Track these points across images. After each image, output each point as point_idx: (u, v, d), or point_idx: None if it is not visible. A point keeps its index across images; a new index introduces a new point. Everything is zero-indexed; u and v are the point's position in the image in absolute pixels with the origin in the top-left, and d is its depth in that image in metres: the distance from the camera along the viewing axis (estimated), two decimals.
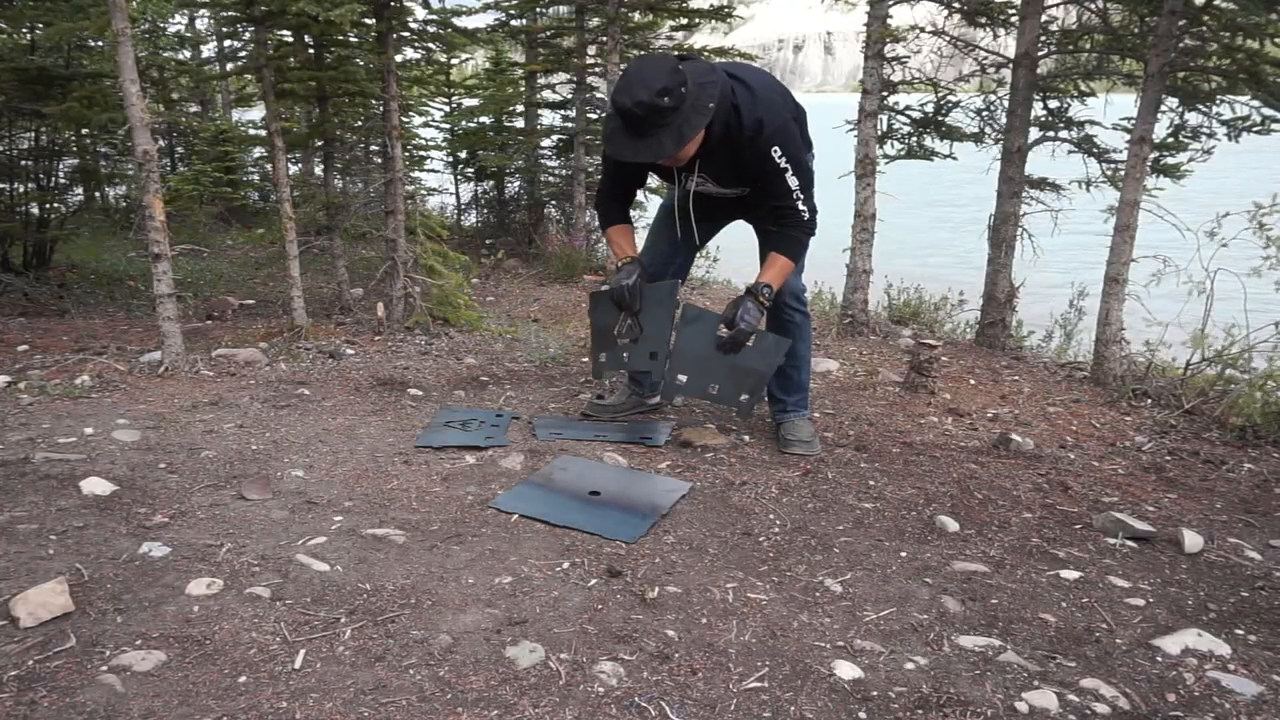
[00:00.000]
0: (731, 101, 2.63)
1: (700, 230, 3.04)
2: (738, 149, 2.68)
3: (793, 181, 2.71)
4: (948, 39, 5.28)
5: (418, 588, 2.07)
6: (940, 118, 5.36)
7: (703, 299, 6.27)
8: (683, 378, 2.94)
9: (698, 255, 3.37)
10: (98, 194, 9.86)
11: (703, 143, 2.68)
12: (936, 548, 2.43)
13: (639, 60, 2.64)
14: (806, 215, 2.78)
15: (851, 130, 5.07)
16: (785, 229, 2.83)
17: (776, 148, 2.66)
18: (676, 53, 3.00)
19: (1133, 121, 4.19)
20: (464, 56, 9.15)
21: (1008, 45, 5.05)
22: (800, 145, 2.76)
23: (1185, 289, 4.04)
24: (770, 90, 2.75)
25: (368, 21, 4.62)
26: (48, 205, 6.52)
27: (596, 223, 7.65)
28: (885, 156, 5.32)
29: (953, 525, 2.57)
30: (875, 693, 1.74)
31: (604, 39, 6.93)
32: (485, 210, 9.17)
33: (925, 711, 1.68)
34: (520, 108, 8.46)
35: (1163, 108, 4.21)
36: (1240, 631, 2.04)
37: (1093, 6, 4.84)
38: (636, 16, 6.98)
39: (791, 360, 3.18)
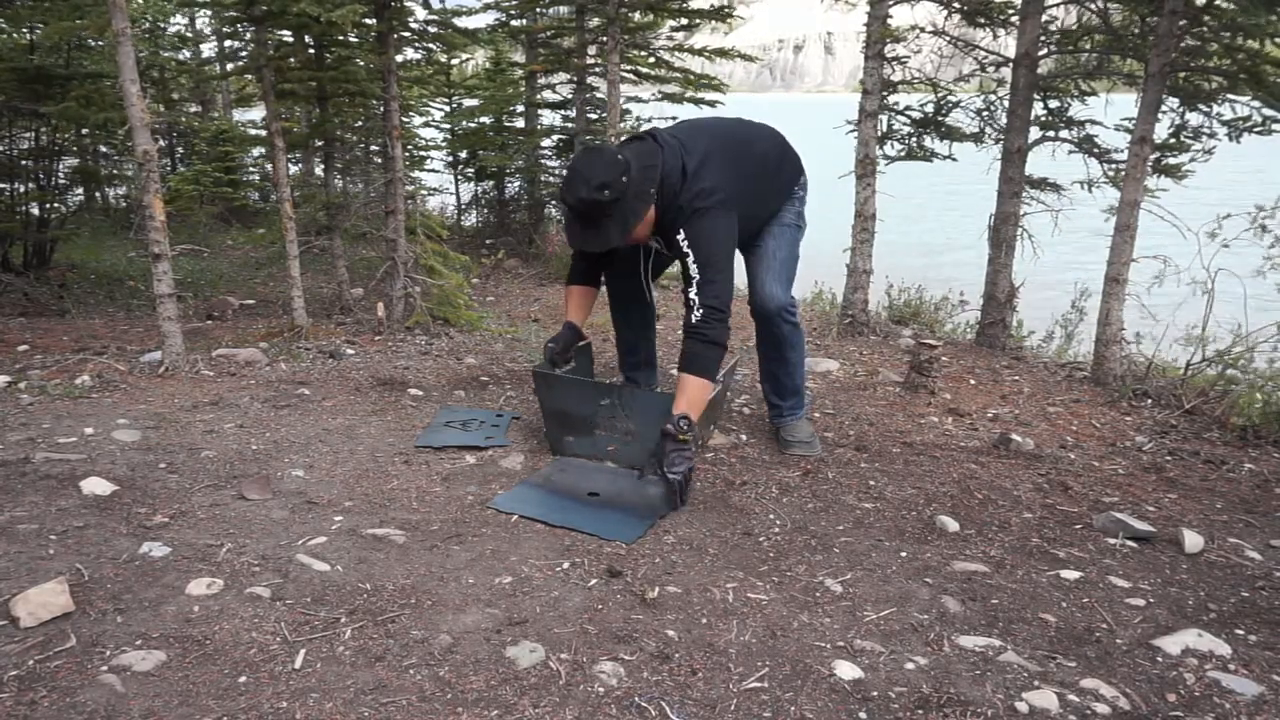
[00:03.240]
0: (679, 185, 2.67)
1: (648, 283, 3.16)
2: (667, 218, 2.72)
3: (694, 269, 2.65)
4: (948, 39, 5.28)
5: (418, 588, 2.07)
6: (940, 118, 5.35)
7: None
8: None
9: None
10: (98, 194, 9.86)
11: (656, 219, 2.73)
12: (937, 548, 2.43)
13: (583, 154, 2.68)
14: (698, 315, 2.61)
15: (851, 130, 5.07)
16: (691, 337, 2.65)
17: (681, 230, 2.69)
18: (643, 129, 3.05)
19: (1133, 122, 4.18)
20: (464, 56, 9.15)
21: (1008, 45, 5.05)
22: (716, 227, 2.68)
23: (1186, 289, 4.04)
24: (716, 164, 2.72)
25: (368, 22, 4.62)
26: (48, 205, 6.52)
27: None
28: (885, 157, 5.32)
29: (953, 525, 2.57)
30: (875, 693, 1.74)
31: (604, 39, 6.92)
32: (485, 210, 9.17)
33: (925, 711, 1.68)
34: (520, 108, 8.46)
35: (1163, 108, 4.21)
36: (1240, 632, 2.03)
37: (1093, 6, 4.84)
38: (636, 16, 6.98)
39: (784, 368, 3.18)
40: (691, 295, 2.66)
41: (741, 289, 3.29)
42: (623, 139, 2.82)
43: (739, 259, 3.10)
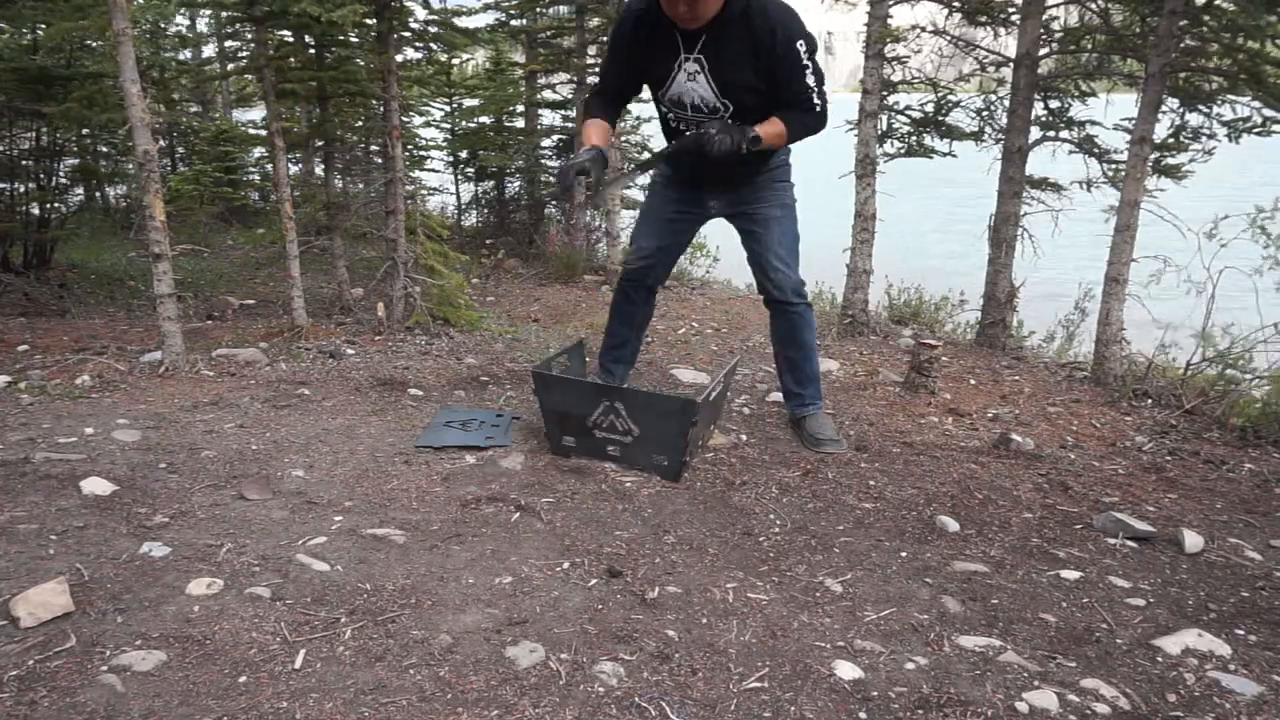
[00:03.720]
0: None
1: (681, 229, 3.21)
2: (757, 36, 2.65)
3: (811, 80, 2.73)
4: (948, 39, 5.28)
5: (418, 588, 2.07)
6: (940, 117, 5.35)
7: (703, 298, 6.27)
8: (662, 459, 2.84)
9: (683, 255, 3.45)
10: (98, 194, 9.86)
11: (716, 16, 2.65)
12: (937, 548, 2.43)
13: None
14: (819, 108, 2.78)
15: (851, 130, 5.07)
16: (802, 112, 2.78)
17: (802, 41, 2.68)
18: None
19: (1133, 122, 4.18)
20: (464, 56, 9.14)
21: (1008, 45, 5.04)
22: (815, 53, 2.76)
23: (1185, 289, 4.04)
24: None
25: (368, 22, 4.62)
26: (48, 205, 6.52)
27: (598, 223, 7.70)
28: (885, 155, 5.32)
29: (953, 525, 2.57)
30: (875, 693, 1.74)
31: (604, 39, 6.93)
32: (485, 210, 9.17)
33: (925, 712, 1.68)
34: (520, 108, 8.46)
35: (1163, 108, 4.21)
36: (1241, 632, 2.03)
37: (1093, 6, 4.84)
38: None
39: (801, 351, 3.22)
40: (815, 100, 2.75)
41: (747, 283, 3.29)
42: None
43: (740, 248, 3.14)
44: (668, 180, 3.20)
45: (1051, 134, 5.03)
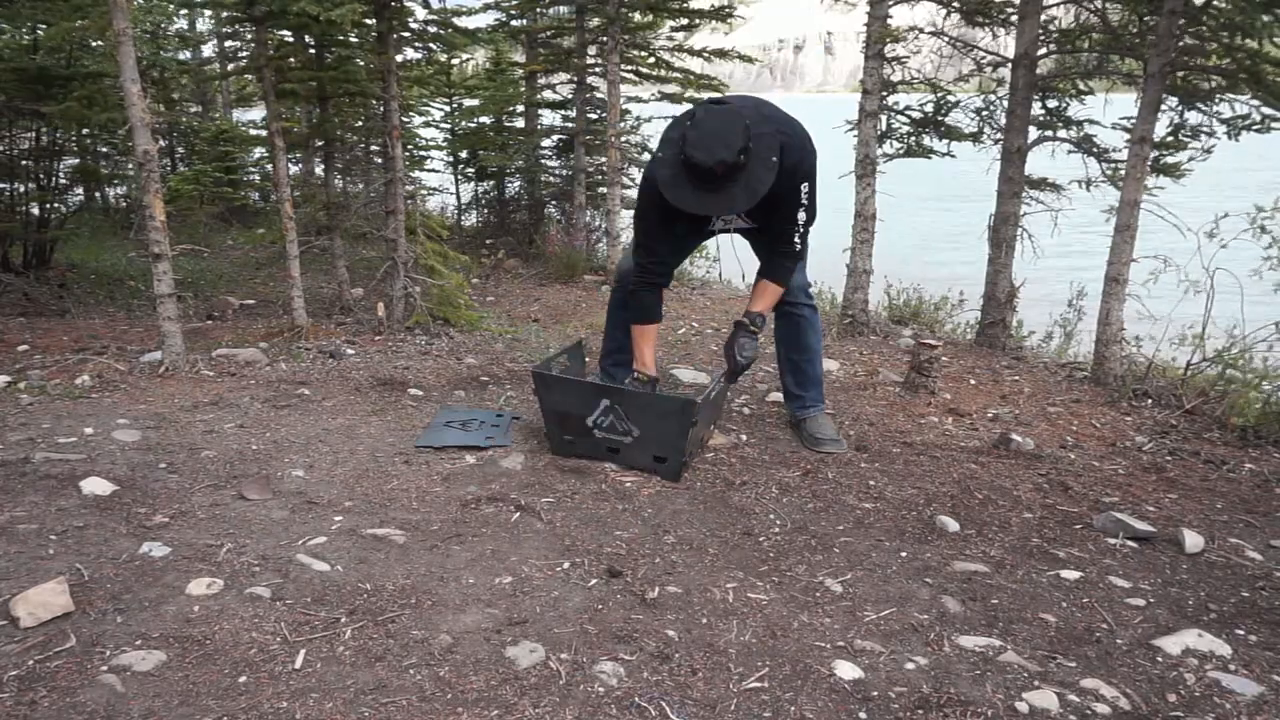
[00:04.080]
0: (780, 142, 2.70)
1: (693, 243, 3.33)
2: (777, 179, 2.70)
3: (802, 216, 2.86)
4: (947, 39, 5.28)
5: (418, 588, 2.07)
6: (940, 118, 5.35)
7: (703, 298, 6.27)
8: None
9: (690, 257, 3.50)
10: (98, 194, 9.85)
11: None
12: (937, 548, 2.43)
13: (708, 116, 2.64)
14: (799, 248, 2.93)
15: (851, 130, 5.07)
16: (777, 256, 2.95)
17: (806, 183, 2.80)
18: (711, 96, 3.07)
19: (1132, 121, 4.18)
20: (464, 56, 9.15)
21: (1007, 45, 5.04)
22: (816, 188, 2.88)
23: (1185, 289, 4.04)
24: (798, 128, 2.84)
25: (368, 21, 4.62)
26: (48, 205, 6.52)
27: (598, 223, 7.69)
28: (885, 156, 5.32)
29: (953, 525, 2.57)
30: (875, 693, 1.74)
31: (604, 39, 6.93)
32: (485, 210, 9.17)
33: (925, 711, 1.68)
34: (520, 108, 8.46)
35: (1163, 107, 4.21)
36: (1241, 632, 2.03)
37: (1092, 6, 4.84)
38: (637, 16, 6.98)
39: (805, 354, 3.23)
40: (795, 240, 2.89)
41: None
42: (704, 102, 2.83)
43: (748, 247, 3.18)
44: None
45: (1050, 134, 5.03)
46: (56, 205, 6.77)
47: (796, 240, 2.89)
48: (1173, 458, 3.27)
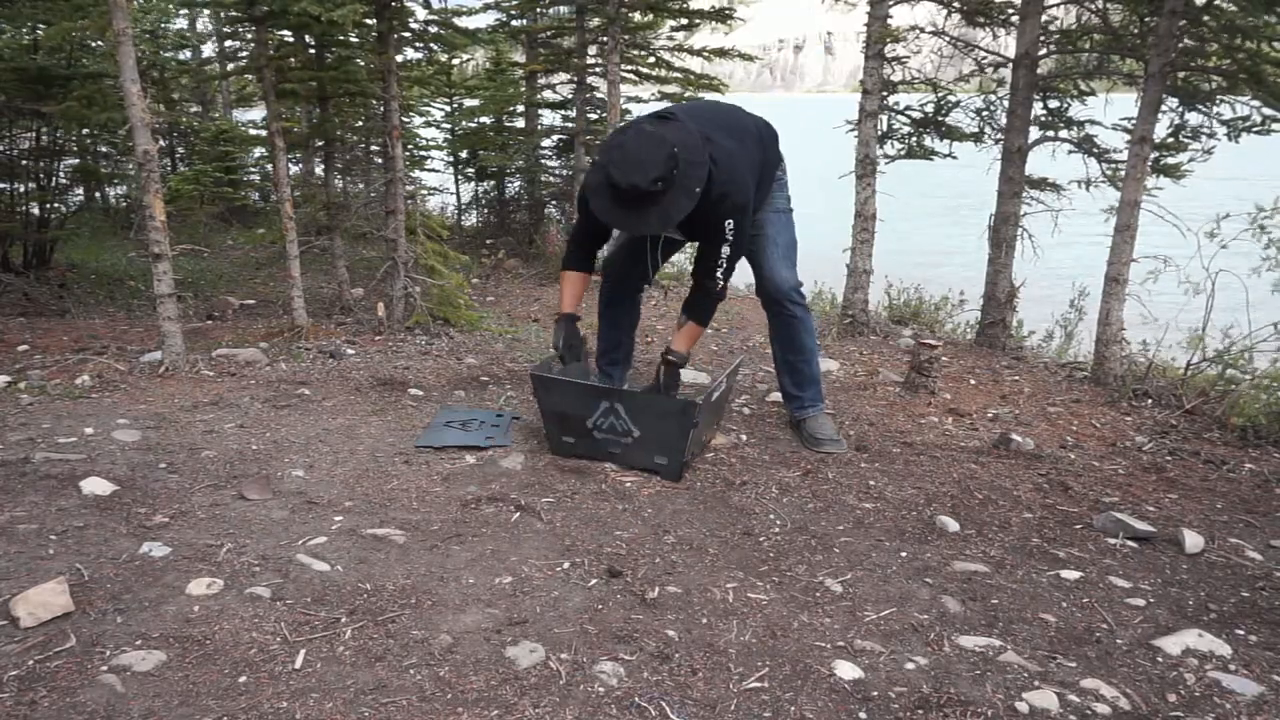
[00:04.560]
0: (709, 168, 2.69)
1: (656, 262, 3.23)
2: (700, 208, 2.71)
3: (724, 251, 2.81)
4: (948, 39, 5.28)
5: (418, 588, 2.07)
6: (940, 118, 5.35)
7: None
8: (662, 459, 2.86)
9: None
10: (98, 194, 9.85)
11: None
12: (937, 548, 2.43)
13: (638, 136, 2.64)
14: (720, 285, 2.88)
15: (851, 130, 5.07)
16: (700, 292, 2.91)
17: (731, 222, 2.77)
18: (662, 108, 3.06)
19: (1133, 121, 4.18)
20: (464, 56, 9.15)
21: (1008, 45, 5.04)
22: (747, 219, 2.83)
23: (1185, 289, 4.04)
24: (740, 156, 2.82)
25: (369, 22, 4.62)
26: (48, 205, 6.51)
27: None
28: (885, 156, 5.32)
29: (953, 525, 2.57)
30: (875, 693, 1.74)
31: (604, 39, 6.92)
32: (485, 210, 9.17)
33: (925, 711, 1.68)
34: (520, 108, 8.46)
35: (1163, 108, 4.21)
36: (1241, 632, 2.03)
37: (1093, 6, 4.84)
38: (636, 16, 6.98)
39: (800, 354, 3.23)
40: (717, 275, 2.84)
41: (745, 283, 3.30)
42: (649, 115, 2.84)
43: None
44: None
45: (1051, 134, 5.03)
46: (56, 205, 6.77)
47: (719, 274, 2.84)
48: (1173, 458, 3.27)
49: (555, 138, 8.38)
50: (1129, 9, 4.59)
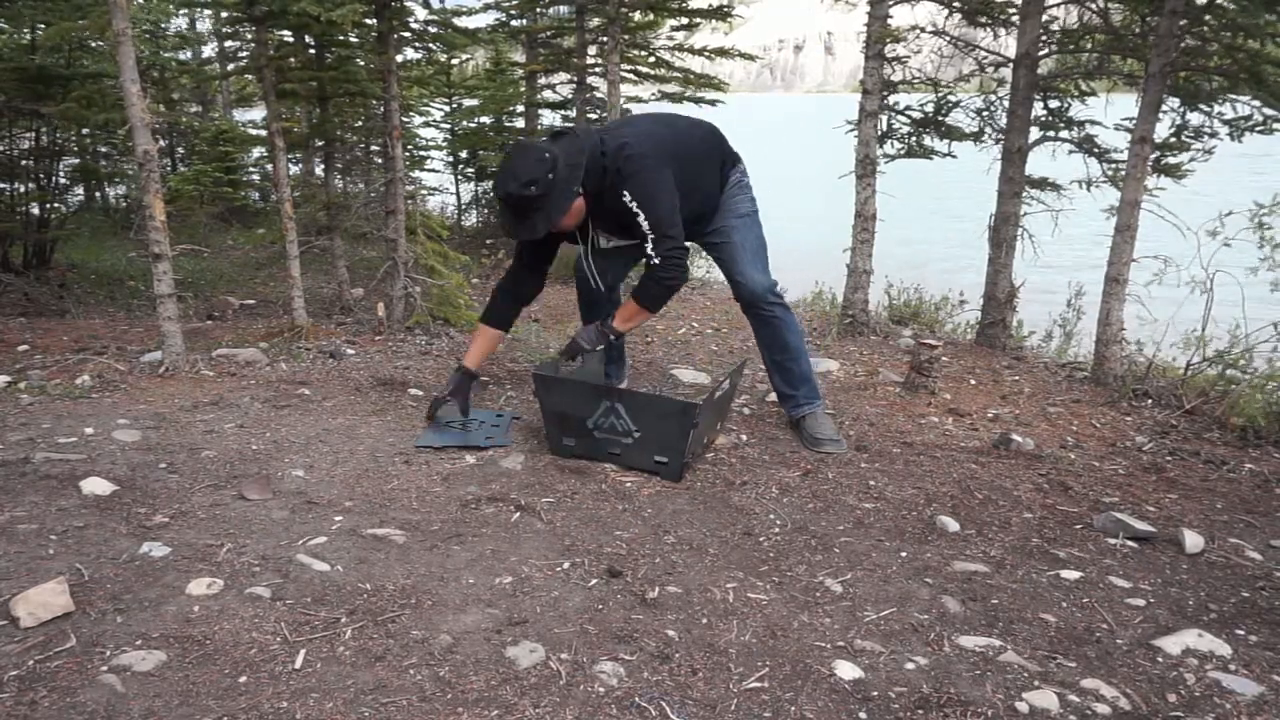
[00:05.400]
0: (603, 165, 2.79)
1: (608, 276, 3.29)
2: (604, 200, 2.82)
3: (644, 223, 2.80)
4: (948, 39, 5.28)
5: (418, 588, 2.07)
6: (940, 118, 5.35)
7: (703, 298, 6.27)
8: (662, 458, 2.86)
9: (623, 285, 3.58)
10: (98, 194, 9.87)
11: (589, 208, 2.88)
12: (937, 548, 2.43)
13: (514, 149, 2.82)
14: (656, 260, 2.82)
15: (851, 130, 5.07)
16: (646, 275, 2.90)
17: (626, 191, 2.80)
18: (559, 126, 3.16)
19: (1133, 121, 4.18)
20: (464, 56, 9.16)
21: (1008, 45, 5.04)
22: (655, 183, 2.81)
23: (1186, 289, 4.04)
24: (645, 141, 2.88)
25: (368, 22, 4.62)
26: (48, 205, 6.52)
27: None
28: (885, 156, 5.32)
29: (953, 525, 2.57)
30: (875, 693, 1.74)
31: (604, 39, 6.92)
32: (485, 210, 9.17)
33: (925, 711, 1.68)
34: (520, 108, 8.47)
35: (1164, 108, 4.20)
36: (1241, 632, 2.03)
37: (1093, 6, 4.83)
38: (636, 16, 6.98)
39: (787, 353, 3.22)
40: (649, 251, 2.82)
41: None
42: (550, 133, 2.95)
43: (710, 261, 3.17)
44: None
45: (1051, 134, 5.03)
46: (56, 205, 6.78)
47: (650, 249, 2.81)
48: (1173, 458, 3.27)
49: None
50: (1130, 9, 4.58)
